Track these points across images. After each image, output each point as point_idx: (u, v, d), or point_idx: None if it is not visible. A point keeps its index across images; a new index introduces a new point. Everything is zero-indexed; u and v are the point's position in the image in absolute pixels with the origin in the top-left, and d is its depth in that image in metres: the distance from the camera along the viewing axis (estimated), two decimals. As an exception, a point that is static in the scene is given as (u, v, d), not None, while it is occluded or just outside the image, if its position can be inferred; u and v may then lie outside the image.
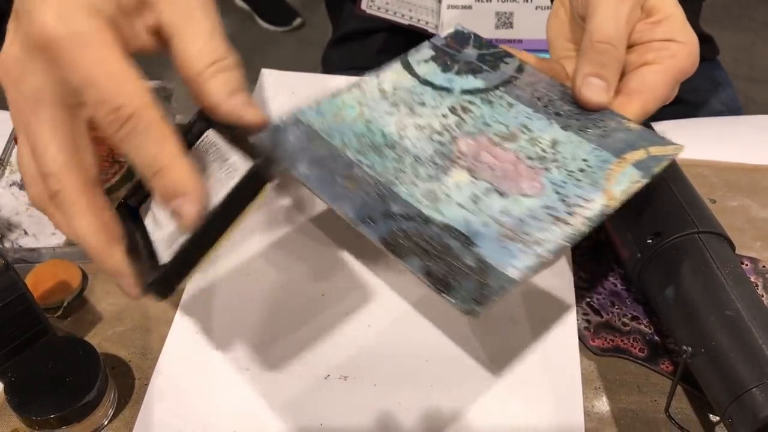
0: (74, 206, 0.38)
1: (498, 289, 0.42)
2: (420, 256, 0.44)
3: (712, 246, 0.50)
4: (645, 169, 0.47)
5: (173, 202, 0.37)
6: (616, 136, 0.49)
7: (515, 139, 0.51)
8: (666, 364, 0.52)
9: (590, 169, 0.48)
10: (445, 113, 0.53)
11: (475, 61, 0.56)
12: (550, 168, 0.49)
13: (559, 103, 0.52)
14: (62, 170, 0.37)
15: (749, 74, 2.17)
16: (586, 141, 0.49)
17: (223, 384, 0.51)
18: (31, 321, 0.48)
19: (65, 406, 0.46)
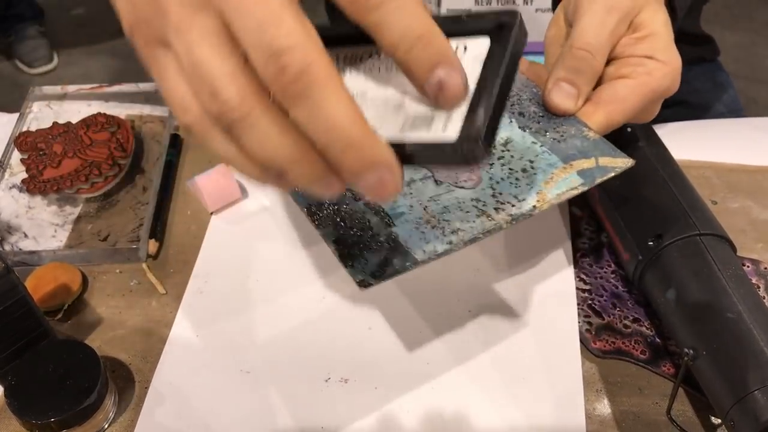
0: (254, 120, 0.31)
1: (399, 268, 0.43)
2: (337, 226, 0.47)
3: (713, 248, 0.50)
4: (587, 178, 0.47)
5: (364, 179, 0.31)
6: (571, 143, 0.49)
7: None
8: (667, 366, 0.52)
9: (532, 171, 0.48)
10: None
11: None
12: (494, 164, 0.49)
13: (526, 103, 0.52)
14: (237, 88, 0.30)
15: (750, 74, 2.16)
16: (538, 144, 0.49)
17: (223, 387, 0.51)
18: (31, 324, 0.48)
19: (66, 410, 0.46)
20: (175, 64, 0.32)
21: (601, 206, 0.57)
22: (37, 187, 0.61)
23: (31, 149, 0.64)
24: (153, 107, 0.71)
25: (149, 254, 0.59)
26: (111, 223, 0.62)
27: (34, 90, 0.72)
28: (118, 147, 0.63)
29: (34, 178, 0.62)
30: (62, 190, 0.61)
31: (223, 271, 0.58)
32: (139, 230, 0.61)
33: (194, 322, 0.55)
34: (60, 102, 0.71)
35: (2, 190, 0.64)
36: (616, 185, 0.55)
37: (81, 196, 0.63)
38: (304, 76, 0.29)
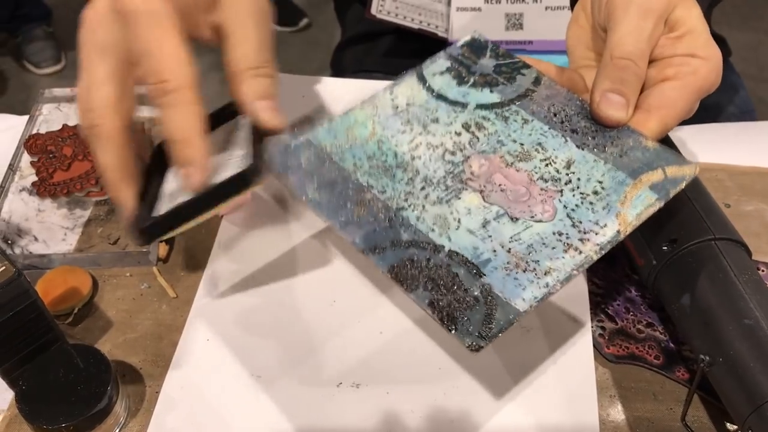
0: (104, 141, 0.45)
1: (504, 322, 0.42)
2: (426, 286, 0.44)
3: (729, 253, 0.49)
4: (661, 192, 0.46)
5: (184, 168, 0.44)
6: (633, 156, 0.48)
7: (529, 158, 0.50)
8: (682, 371, 0.52)
9: (604, 191, 0.47)
10: (458, 130, 0.52)
11: (491, 73, 0.55)
12: (563, 190, 0.48)
13: (575, 118, 0.51)
14: (104, 109, 0.45)
15: (758, 74, 2.16)
16: (602, 161, 0.48)
17: (234, 392, 0.51)
18: (42, 329, 0.48)
19: (77, 415, 0.46)
20: None
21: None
22: (47, 190, 0.61)
23: (41, 152, 0.64)
24: (162, 109, 0.71)
25: (159, 258, 0.59)
26: (121, 226, 0.61)
27: (43, 92, 0.72)
28: (128, 150, 0.63)
29: (44, 181, 0.62)
30: (72, 193, 0.61)
31: (234, 276, 0.58)
32: (149, 233, 0.60)
33: (205, 327, 0.54)
34: (70, 104, 0.71)
35: (12, 193, 0.64)
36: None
37: (91, 199, 0.62)
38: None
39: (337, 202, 0.48)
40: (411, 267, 0.46)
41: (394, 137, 0.51)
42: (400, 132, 0.52)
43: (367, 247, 0.46)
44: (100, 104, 0.45)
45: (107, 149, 0.45)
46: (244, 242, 0.60)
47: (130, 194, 0.46)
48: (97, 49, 0.45)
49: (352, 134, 0.51)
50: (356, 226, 0.47)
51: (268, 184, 0.64)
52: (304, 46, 2.34)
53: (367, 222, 0.47)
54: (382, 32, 0.85)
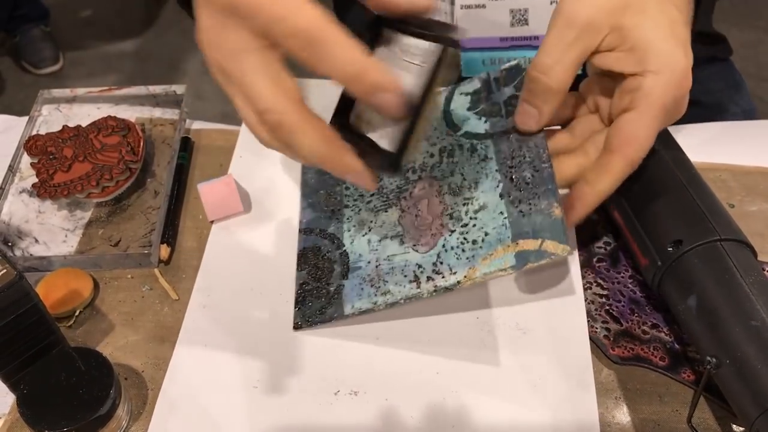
0: (297, 127, 0.43)
1: (327, 317, 0.53)
2: (309, 271, 0.56)
3: (734, 254, 0.49)
4: (520, 261, 0.48)
5: (376, 98, 0.42)
6: (534, 219, 0.50)
7: (458, 194, 0.54)
8: (687, 373, 0.51)
9: (481, 244, 0.51)
10: (433, 153, 0.58)
11: (500, 102, 0.57)
12: (455, 231, 0.53)
13: (524, 166, 0.53)
14: (276, 102, 0.43)
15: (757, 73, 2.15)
16: (505, 215, 0.51)
17: (232, 401, 0.50)
18: (43, 332, 0.48)
19: (79, 419, 0.46)
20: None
21: (618, 212, 0.56)
22: (47, 192, 0.61)
23: (41, 153, 0.63)
24: (163, 110, 0.70)
25: (161, 259, 0.59)
26: (122, 227, 0.61)
27: (43, 93, 0.71)
28: (128, 151, 0.63)
29: (45, 182, 0.61)
30: (73, 195, 0.61)
31: (225, 285, 0.57)
32: (150, 235, 0.60)
33: (199, 338, 0.54)
34: (69, 105, 0.71)
35: (12, 194, 0.63)
36: (634, 190, 0.54)
37: (92, 201, 0.62)
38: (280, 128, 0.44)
39: (317, 186, 0.59)
40: (313, 253, 0.56)
41: None
42: None
43: (305, 228, 0.58)
44: (268, 102, 0.43)
45: (303, 135, 0.43)
46: (234, 252, 0.59)
47: (353, 157, 0.45)
48: (232, 55, 0.43)
49: None
50: (312, 209, 0.58)
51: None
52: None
53: (322, 209, 0.58)
54: None
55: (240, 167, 0.64)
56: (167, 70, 2.14)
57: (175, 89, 0.70)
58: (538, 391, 0.50)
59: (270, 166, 0.64)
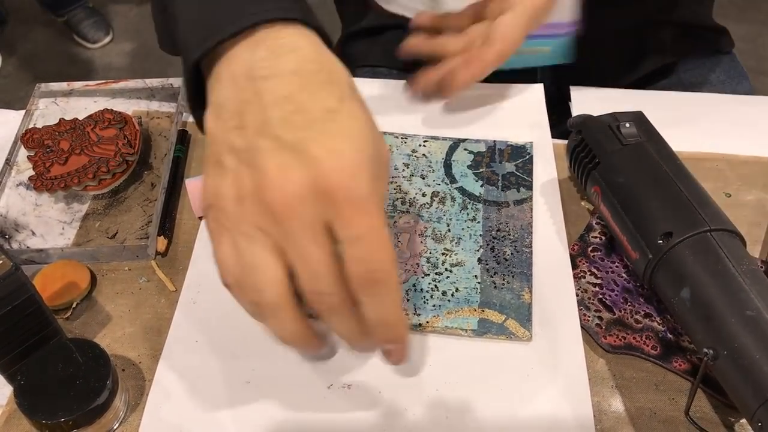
0: (344, 313, 0.42)
1: None
2: None
3: (725, 244, 0.49)
4: (481, 329, 0.52)
5: (388, 344, 0.44)
6: (504, 295, 0.54)
7: (440, 241, 0.57)
8: (679, 362, 0.51)
9: (448, 298, 0.54)
10: (426, 193, 0.61)
11: (499, 175, 0.62)
12: (429, 276, 0.55)
13: (508, 243, 0.57)
14: (334, 288, 0.40)
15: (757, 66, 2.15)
16: (476, 280, 0.55)
17: (224, 396, 0.50)
18: (40, 323, 0.48)
19: (76, 409, 0.46)
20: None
21: (605, 206, 0.56)
22: (44, 185, 0.61)
23: (38, 146, 0.64)
24: (160, 103, 0.70)
25: (158, 251, 0.59)
26: (119, 220, 0.61)
27: (40, 86, 0.71)
28: (125, 143, 0.63)
29: (41, 175, 0.61)
30: (70, 188, 0.61)
31: (215, 281, 0.56)
32: (147, 227, 0.60)
33: (189, 335, 0.54)
34: (66, 98, 0.71)
35: (9, 187, 0.63)
36: (621, 184, 0.54)
37: (89, 194, 0.62)
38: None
39: None
40: None
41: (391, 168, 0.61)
42: (396, 168, 0.62)
43: None
44: (329, 287, 0.41)
45: (348, 320, 0.42)
46: None
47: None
48: (305, 229, 0.39)
49: None
50: None
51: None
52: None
53: None
54: (386, 27, 0.85)
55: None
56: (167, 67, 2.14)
57: (172, 82, 0.70)
58: (531, 381, 0.50)
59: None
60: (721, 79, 0.82)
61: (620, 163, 0.55)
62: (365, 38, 0.88)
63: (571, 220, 0.60)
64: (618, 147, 0.56)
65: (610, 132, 0.57)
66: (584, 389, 0.50)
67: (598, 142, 0.57)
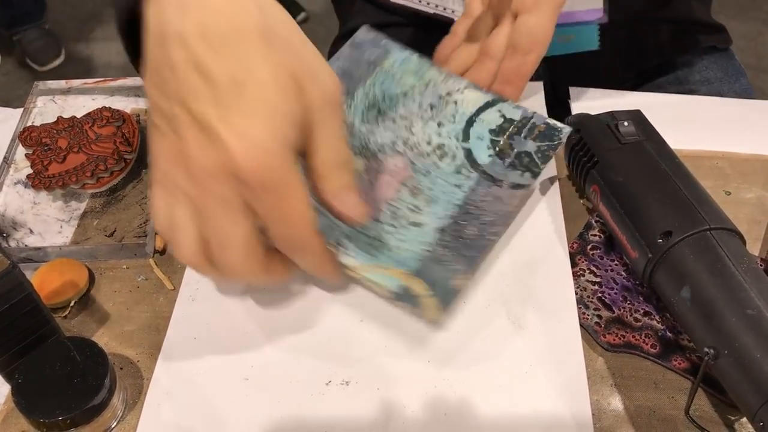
0: (256, 276, 0.44)
1: None
2: None
3: (725, 242, 0.49)
4: (401, 295, 0.50)
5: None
6: (439, 271, 0.51)
7: (413, 197, 0.55)
8: (678, 360, 0.51)
9: (385, 252, 0.52)
10: (431, 142, 0.58)
11: (516, 149, 0.58)
12: (380, 223, 0.53)
13: (475, 223, 0.54)
14: (242, 262, 0.43)
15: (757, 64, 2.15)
16: (426, 249, 0.52)
17: (223, 393, 0.50)
18: (38, 322, 0.48)
19: (73, 408, 0.46)
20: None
21: (604, 205, 0.55)
22: (42, 183, 0.61)
23: (36, 144, 0.63)
24: (158, 101, 0.70)
25: (156, 250, 0.59)
26: (117, 218, 0.61)
27: (38, 84, 0.71)
28: (123, 141, 0.63)
29: (39, 173, 0.61)
30: (68, 186, 0.61)
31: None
32: (145, 225, 0.60)
33: (188, 333, 0.53)
34: (64, 96, 0.71)
35: (7, 185, 0.63)
36: (621, 183, 0.54)
37: (87, 192, 0.62)
38: None
39: None
40: None
41: (407, 99, 0.60)
42: (420, 106, 0.60)
43: None
44: (233, 262, 0.43)
45: None
46: None
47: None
48: (217, 203, 0.41)
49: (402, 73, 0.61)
50: None
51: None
52: (302, 40, 2.33)
53: None
54: (386, 23, 0.85)
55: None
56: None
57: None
58: (530, 378, 0.50)
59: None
60: (718, 76, 0.82)
61: (619, 162, 0.55)
62: None
63: (570, 218, 0.60)
64: (616, 146, 0.56)
65: (608, 131, 0.57)
66: (583, 388, 0.50)
67: (596, 141, 0.57)
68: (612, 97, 0.72)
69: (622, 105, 0.61)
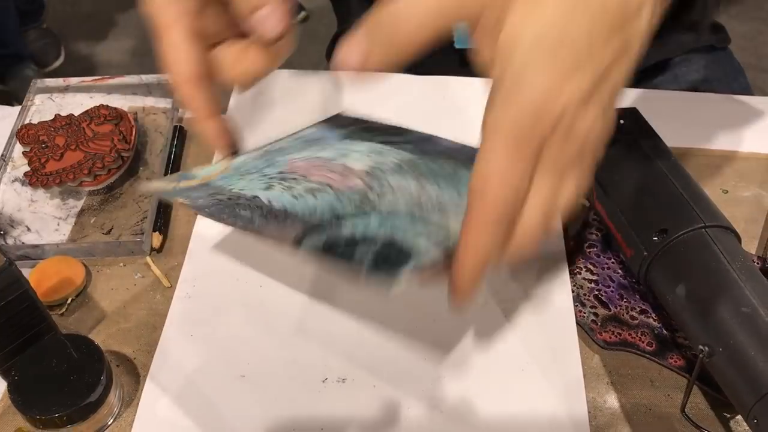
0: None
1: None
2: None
3: (720, 240, 0.49)
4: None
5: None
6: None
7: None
8: (675, 358, 0.51)
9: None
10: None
11: None
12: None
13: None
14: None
15: (757, 64, 2.15)
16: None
17: (219, 390, 0.50)
18: (34, 319, 0.48)
19: (70, 405, 0.46)
20: None
21: (600, 203, 0.55)
22: (39, 180, 0.61)
23: (34, 142, 0.63)
24: (156, 99, 0.70)
25: (153, 247, 0.59)
26: (114, 216, 0.61)
27: (36, 82, 0.71)
28: (121, 139, 0.63)
29: (37, 171, 0.61)
30: (65, 183, 0.61)
31: (211, 275, 0.57)
32: (142, 223, 0.60)
33: (185, 328, 0.54)
34: (62, 94, 0.71)
35: (5, 183, 0.63)
36: (616, 181, 0.54)
37: (84, 189, 0.62)
38: None
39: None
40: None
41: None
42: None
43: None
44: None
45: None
46: (219, 242, 0.59)
47: None
48: None
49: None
50: None
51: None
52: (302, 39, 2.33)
53: None
54: None
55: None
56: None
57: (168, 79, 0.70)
58: (526, 376, 0.50)
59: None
60: (717, 75, 0.82)
61: (614, 160, 0.55)
62: None
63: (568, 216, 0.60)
64: (612, 144, 0.56)
65: None
66: (579, 385, 0.50)
67: (593, 139, 0.57)
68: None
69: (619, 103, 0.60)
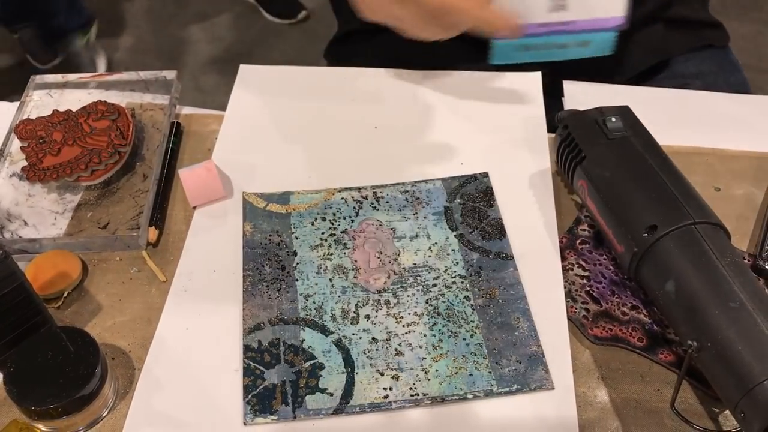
0: None
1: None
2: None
3: (709, 236, 0.49)
4: None
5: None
6: None
7: None
8: (665, 354, 0.52)
9: None
10: None
11: None
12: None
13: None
14: None
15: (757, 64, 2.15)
16: None
17: (213, 383, 0.51)
18: (30, 311, 0.48)
19: (65, 397, 0.46)
20: None
21: (591, 200, 0.56)
22: (37, 175, 0.61)
23: (31, 137, 0.64)
24: (153, 95, 0.71)
25: (149, 242, 0.59)
26: (111, 210, 0.61)
27: (35, 78, 0.72)
28: (118, 135, 0.63)
29: (34, 166, 0.62)
30: (62, 178, 0.61)
31: (207, 269, 0.57)
32: (139, 218, 0.60)
33: (179, 323, 0.54)
34: (60, 90, 0.71)
35: (2, 178, 0.64)
36: (607, 178, 0.54)
37: (81, 184, 0.63)
38: None
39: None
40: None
41: None
42: None
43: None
44: None
45: None
46: (216, 237, 0.59)
47: None
48: None
49: None
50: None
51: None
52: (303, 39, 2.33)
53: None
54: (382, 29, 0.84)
55: (223, 153, 0.65)
56: (167, 63, 2.14)
57: (166, 75, 0.71)
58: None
59: (252, 151, 0.65)
60: (713, 70, 0.82)
61: (606, 158, 0.55)
62: (361, 37, 0.88)
63: (560, 213, 0.60)
64: (603, 141, 0.56)
65: (596, 126, 0.57)
66: (568, 380, 0.50)
67: (584, 137, 0.57)
68: (605, 92, 0.72)
69: (614, 99, 0.61)
